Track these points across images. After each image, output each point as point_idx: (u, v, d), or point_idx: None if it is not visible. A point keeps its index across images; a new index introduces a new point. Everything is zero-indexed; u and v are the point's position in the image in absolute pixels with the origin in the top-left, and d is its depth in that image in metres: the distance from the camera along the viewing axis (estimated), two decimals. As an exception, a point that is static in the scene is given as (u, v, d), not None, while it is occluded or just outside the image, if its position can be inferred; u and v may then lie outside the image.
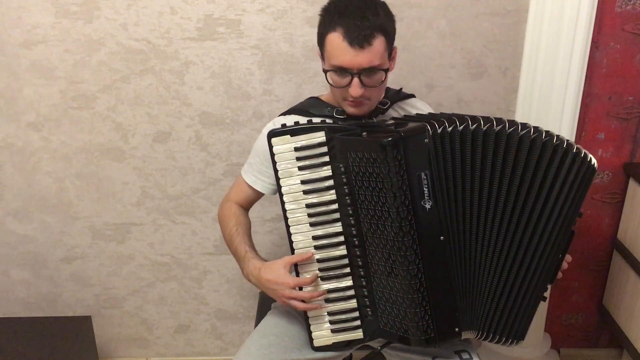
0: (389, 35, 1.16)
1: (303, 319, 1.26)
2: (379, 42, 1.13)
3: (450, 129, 1.08)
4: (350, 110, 1.23)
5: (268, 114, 1.74)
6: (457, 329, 1.15)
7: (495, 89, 1.72)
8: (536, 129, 1.11)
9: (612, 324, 1.87)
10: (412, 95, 1.40)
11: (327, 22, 1.15)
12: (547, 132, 1.11)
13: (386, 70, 1.18)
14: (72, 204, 1.88)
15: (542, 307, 1.85)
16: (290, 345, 1.27)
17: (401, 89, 1.38)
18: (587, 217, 1.85)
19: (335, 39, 1.13)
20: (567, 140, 1.12)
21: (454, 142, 1.09)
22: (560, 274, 1.23)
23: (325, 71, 1.19)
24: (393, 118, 1.28)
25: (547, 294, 1.23)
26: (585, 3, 1.48)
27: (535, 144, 1.10)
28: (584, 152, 1.13)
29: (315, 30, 1.20)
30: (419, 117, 1.23)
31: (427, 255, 1.10)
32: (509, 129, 1.09)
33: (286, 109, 1.37)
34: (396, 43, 1.22)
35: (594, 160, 1.14)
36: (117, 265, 1.97)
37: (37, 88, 1.74)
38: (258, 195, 1.38)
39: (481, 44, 1.67)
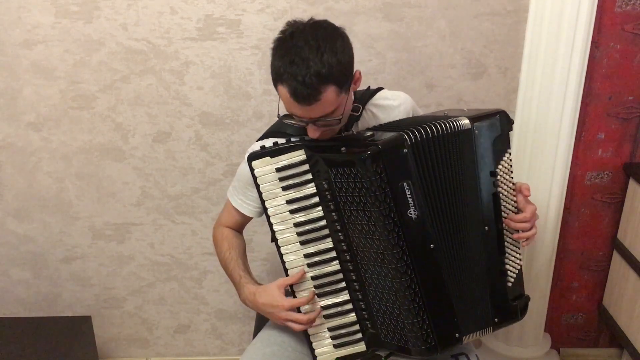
0: (339, 79, 1.07)
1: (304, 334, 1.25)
2: (328, 93, 1.05)
3: (428, 135, 1.09)
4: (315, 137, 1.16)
5: (268, 114, 1.74)
6: (457, 335, 1.15)
7: (495, 89, 1.72)
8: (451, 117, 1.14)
9: (612, 324, 1.87)
10: (381, 88, 1.35)
11: (276, 68, 1.08)
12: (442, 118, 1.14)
13: (341, 114, 1.12)
14: (72, 204, 1.88)
15: (542, 307, 1.85)
16: (293, 356, 1.27)
17: (369, 87, 1.34)
18: (587, 217, 1.85)
19: (284, 92, 1.07)
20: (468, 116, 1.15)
21: (433, 148, 1.10)
22: (527, 241, 1.23)
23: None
24: (369, 128, 1.24)
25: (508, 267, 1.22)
26: (585, 3, 1.48)
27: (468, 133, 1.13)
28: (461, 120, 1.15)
29: None
30: (397, 124, 1.22)
31: (418, 265, 1.09)
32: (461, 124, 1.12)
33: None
34: (396, 43, 1.21)
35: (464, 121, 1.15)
36: (117, 265, 1.97)
37: (37, 88, 1.74)
38: (247, 218, 1.36)
39: (481, 44, 1.67)
